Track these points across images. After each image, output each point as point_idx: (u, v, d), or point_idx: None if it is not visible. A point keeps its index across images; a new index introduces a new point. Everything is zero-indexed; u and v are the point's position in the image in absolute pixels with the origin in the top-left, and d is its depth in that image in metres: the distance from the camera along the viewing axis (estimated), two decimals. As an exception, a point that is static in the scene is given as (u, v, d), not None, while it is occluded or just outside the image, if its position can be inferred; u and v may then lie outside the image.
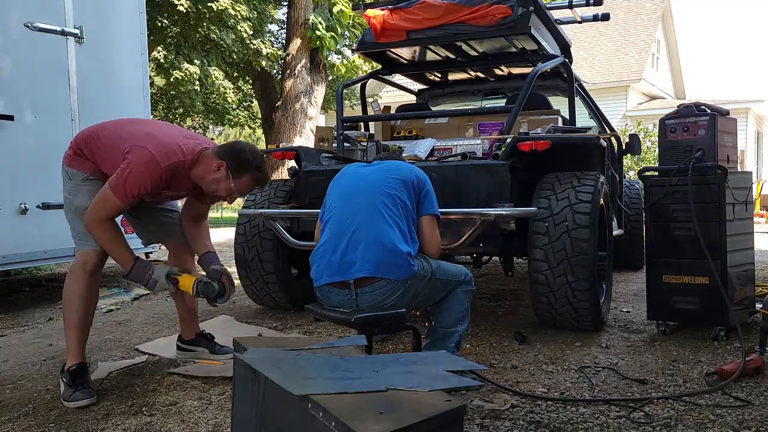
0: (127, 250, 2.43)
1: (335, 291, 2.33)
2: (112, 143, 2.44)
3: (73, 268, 2.50)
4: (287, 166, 6.89)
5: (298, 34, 10.68)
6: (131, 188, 2.30)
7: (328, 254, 2.33)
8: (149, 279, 2.45)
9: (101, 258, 2.50)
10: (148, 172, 2.31)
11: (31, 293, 4.95)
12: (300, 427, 1.29)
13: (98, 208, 2.35)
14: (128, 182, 2.30)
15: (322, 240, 2.41)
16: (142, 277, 2.45)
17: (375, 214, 2.31)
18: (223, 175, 2.41)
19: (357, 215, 2.33)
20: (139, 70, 5.10)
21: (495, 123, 4.04)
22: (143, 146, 2.34)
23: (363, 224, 2.30)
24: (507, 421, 2.09)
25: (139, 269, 2.44)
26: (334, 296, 2.34)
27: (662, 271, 3.11)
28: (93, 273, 2.48)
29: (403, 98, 5.95)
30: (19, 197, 4.14)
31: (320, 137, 4.41)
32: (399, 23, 3.78)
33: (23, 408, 2.33)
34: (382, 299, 2.28)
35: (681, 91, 22.87)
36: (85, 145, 2.51)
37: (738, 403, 2.22)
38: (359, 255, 2.26)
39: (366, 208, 2.33)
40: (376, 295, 2.27)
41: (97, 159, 2.47)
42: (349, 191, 2.45)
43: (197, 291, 2.47)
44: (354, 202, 2.38)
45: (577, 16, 4.86)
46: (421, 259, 2.40)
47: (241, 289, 4.47)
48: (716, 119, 3.06)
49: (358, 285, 2.27)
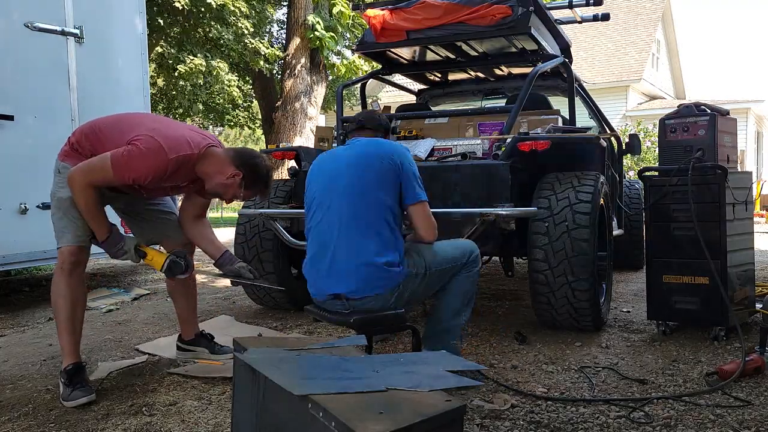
0: (105, 220, 2.43)
1: (330, 302, 2.32)
2: (115, 135, 2.40)
3: (55, 269, 2.49)
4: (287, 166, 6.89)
5: (298, 34, 10.68)
6: (133, 172, 2.27)
7: (315, 270, 2.31)
8: (120, 249, 2.48)
9: (78, 254, 2.45)
10: (155, 163, 2.28)
11: (31, 293, 4.95)
12: (300, 427, 1.29)
13: (89, 170, 2.30)
14: (132, 164, 2.26)
15: (309, 252, 2.37)
16: (113, 246, 2.46)
17: (350, 228, 2.23)
18: (235, 184, 2.45)
19: (334, 225, 2.27)
20: (139, 70, 5.11)
21: (495, 123, 4.03)
22: (151, 136, 2.31)
23: (342, 237, 2.24)
24: (507, 421, 2.09)
25: (113, 239, 2.46)
26: (329, 306, 2.34)
27: (662, 271, 3.11)
28: (71, 271, 2.44)
29: (403, 98, 5.95)
30: (19, 197, 4.14)
31: (320, 137, 4.41)
32: (399, 23, 3.78)
33: (23, 408, 2.33)
34: (378, 308, 2.26)
35: (681, 91, 22.87)
36: (85, 138, 2.47)
37: (738, 403, 2.22)
38: (342, 273, 2.23)
39: (342, 219, 2.25)
40: (370, 306, 2.26)
41: (98, 151, 2.40)
42: (323, 198, 2.34)
43: (166, 267, 2.51)
44: (331, 210, 2.29)
45: (577, 16, 4.86)
46: (413, 254, 2.34)
47: (241, 289, 4.48)
48: (716, 119, 3.06)
49: (350, 297, 2.25)
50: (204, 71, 9.92)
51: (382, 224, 2.24)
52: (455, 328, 2.49)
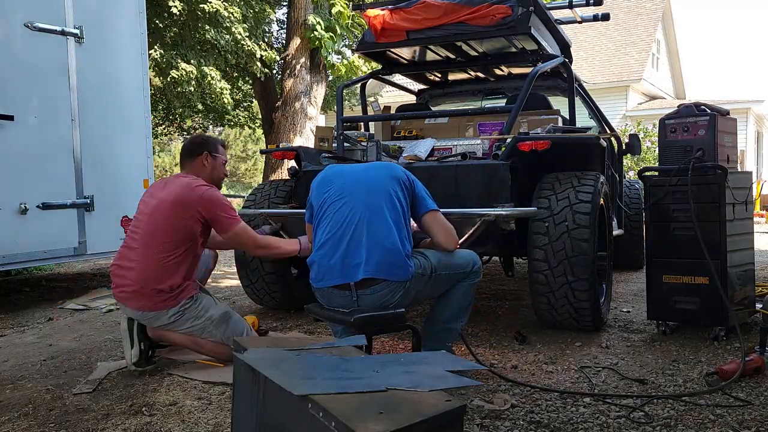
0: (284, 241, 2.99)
1: (336, 293, 2.32)
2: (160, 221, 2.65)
3: None
4: (287, 166, 6.89)
5: (298, 34, 10.68)
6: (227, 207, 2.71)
7: (328, 256, 2.31)
8: None
9: None
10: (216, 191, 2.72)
11: (31, 293, 4.95)
12: (300, 427, 1.29)
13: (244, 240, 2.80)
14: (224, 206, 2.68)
15: (319, 241, 2.37)
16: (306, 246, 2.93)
17: (375, 214, 2.29)
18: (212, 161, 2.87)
19: (356, 215, 2.30)
20: (139, 70, 5.11)
21: (495, 123, 4.04)
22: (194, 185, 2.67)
23: (363, 223, 2.28)
24: (507, 421, 2.09)
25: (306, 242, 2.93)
26: (334, 298, 2.34)
27: (662, 271, 3.11)
28: None
29: (403, 98, 5.95)
30: (19, 197, 4.14)
31: (320, 137, 4.41)
32: (399, 23, 3.78)
33: (23, 408, 2.33)
34: (384, 301, 2.27)
35: (681, 91, 22.87)
36: None
37: (738, 403, 2.22)
38: (361, 256, 2.25)
39: (365, 207, 2.30)
40: (377, 297, 2.27)
41: None
42: (344, 191, 2.38)
43: None
44: (351, 202, 2.34)
45: (577, 16, 4.86)
46: (420, 256, 2.38)
47: (241, 289, 4.48)
48: (716, 119, 3.06)
49: (359, 287, 2.26)
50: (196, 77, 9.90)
51: (401, 220, 2.32)
52: (453, 332, 2.53)
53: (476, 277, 2.52)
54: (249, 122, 16.66)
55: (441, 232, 2.45)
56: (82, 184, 4.53)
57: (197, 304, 2.68)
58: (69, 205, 4.44)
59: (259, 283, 3.77)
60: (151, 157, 5.20)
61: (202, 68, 9.97)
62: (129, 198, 4.85)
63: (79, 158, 4.51)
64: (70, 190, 4.46)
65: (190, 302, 2.66)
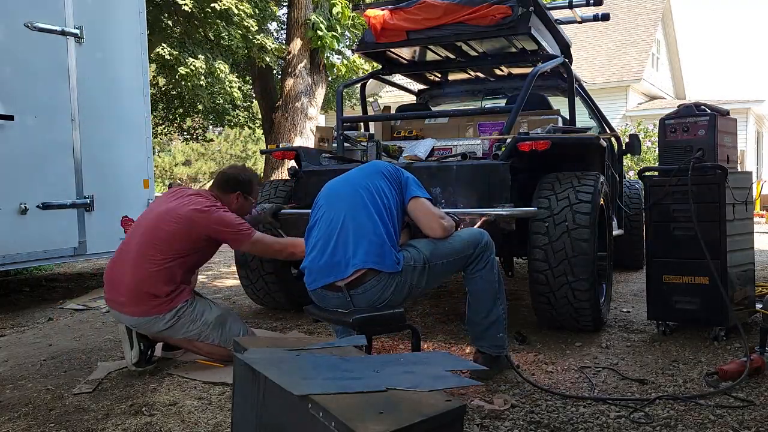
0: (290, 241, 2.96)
1: (329, 294, 2.32)
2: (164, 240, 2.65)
3: None
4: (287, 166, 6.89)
5: (298, 34, 10.68)
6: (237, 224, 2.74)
7: (318, 259, 2.32)
8: None
9: None
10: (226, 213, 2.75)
11: (31, 293, 4.95)
12: (300, 427, 1.29)
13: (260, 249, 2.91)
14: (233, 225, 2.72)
15: (310, 244, 2.39)
16: None
17: (357, 209, 2.30)
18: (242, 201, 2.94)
19: (340, 214, 2.33)
20: (139, 70, 5.11)
21: (495, 123, 4.04)
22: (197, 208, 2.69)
23: (347, 219, 2.30)
24: (507, 421, 2.09)
25: None
26: (328, 299, 2.34)
27: (662, 271, 3.10)
28: None
29: (403, 98, 5.95)
30: (19, 197, 4.14)
31: (320, 137, 4.41)
32: (399, 23, 3.78)
33: (23, 408, 2.33)
34: (377, 297, 2.26)
35: (681, 91, 22.87)
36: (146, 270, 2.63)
37: (738, 403, 2.22)
38: (349, 252, 2.25)
39: (348, 204, 2.33)
40: (369, 295, 2.25)
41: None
42: (329, 199, 2.44)
43: None
44: (337, 202, 2.37)
45: (577, 16, 4.85)
46: (409, 248, 2.35)
47: (241, 289, 4.48)
48: (716, 119, 3.06)
49: (350, 287, 2.26)
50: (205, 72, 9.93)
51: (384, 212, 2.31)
52: (499, 320, 2.48)
53: (487, 254, 2.44)
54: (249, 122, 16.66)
55: (422, 219, 2.40)
56: (82, 184, 4.53)
57: (192, 308, 2.69)
58: (69, 205, 4.44)
59: (259, 283, 3.77)
60: (151, 157, 5.21)
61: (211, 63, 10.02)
62: (129, 198, 4.86)
63: (79, 158, 4.52)
64: (70, 190, 4.46)
65: (186, 306, 2.67)
